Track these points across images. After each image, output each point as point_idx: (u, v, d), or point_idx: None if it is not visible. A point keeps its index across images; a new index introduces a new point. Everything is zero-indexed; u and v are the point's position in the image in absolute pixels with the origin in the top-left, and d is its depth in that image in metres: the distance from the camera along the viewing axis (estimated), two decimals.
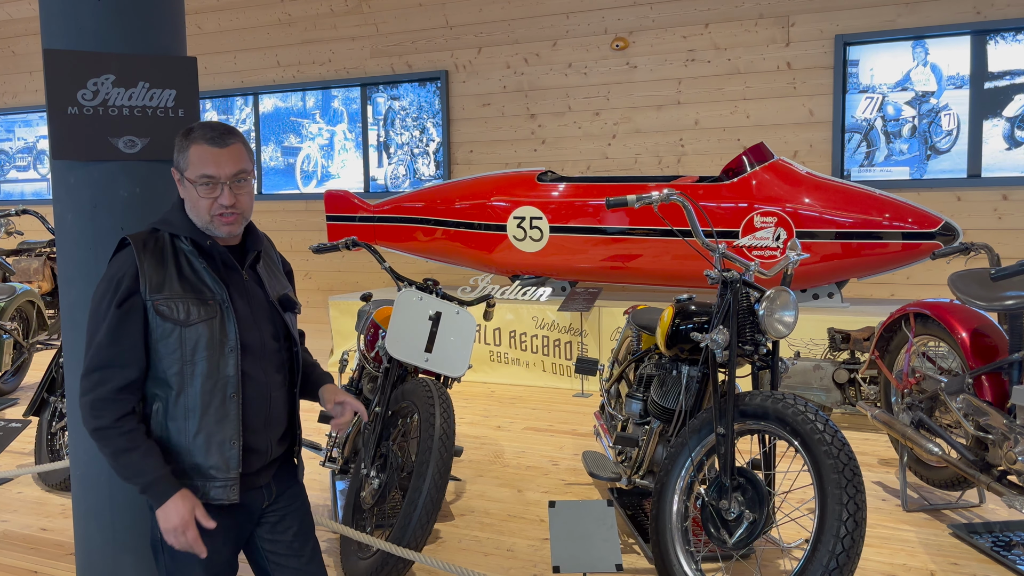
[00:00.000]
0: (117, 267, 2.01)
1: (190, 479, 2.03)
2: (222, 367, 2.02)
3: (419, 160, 9.47)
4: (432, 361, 3.55)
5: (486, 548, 3.70)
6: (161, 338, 1.99)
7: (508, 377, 6.96)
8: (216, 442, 2.03)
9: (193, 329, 2.00)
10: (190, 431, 2.01)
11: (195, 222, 2.07)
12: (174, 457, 2.02)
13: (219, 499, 2.04)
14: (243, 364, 2.06)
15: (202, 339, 2.01)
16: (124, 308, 1.97)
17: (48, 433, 4.57)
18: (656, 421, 3.58)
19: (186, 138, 2.04)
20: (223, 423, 2.03)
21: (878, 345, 4.46)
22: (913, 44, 7.34)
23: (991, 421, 3.41)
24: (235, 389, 2.04)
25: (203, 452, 2.02)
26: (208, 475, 2.03)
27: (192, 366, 2.00)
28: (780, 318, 3.08)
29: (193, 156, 2.02)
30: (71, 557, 3.66)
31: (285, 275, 2.32)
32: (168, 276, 2.01)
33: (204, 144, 2.02)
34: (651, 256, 6.69)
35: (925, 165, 7.38)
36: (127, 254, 2.02)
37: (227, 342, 2.03)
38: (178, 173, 2.07)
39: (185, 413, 2.01)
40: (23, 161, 11.86)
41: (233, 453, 2.04)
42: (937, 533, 3.78)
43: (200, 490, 2.03)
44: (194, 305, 2.01)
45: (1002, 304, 3.50)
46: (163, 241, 2.05)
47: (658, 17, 8.17)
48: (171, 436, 2.02)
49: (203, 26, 10.30)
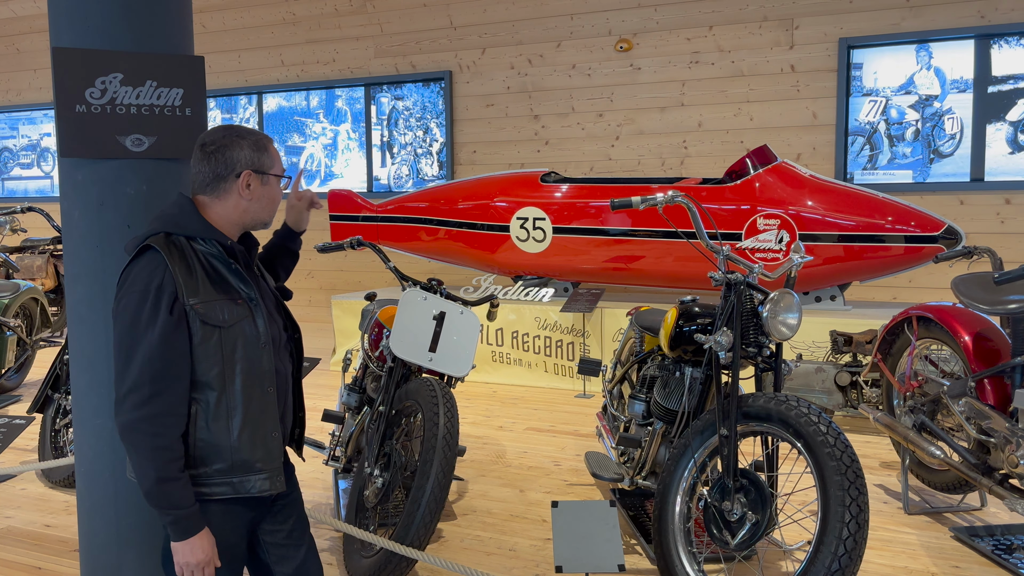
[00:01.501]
0: (148, 275, 1.97)
1: (232, 477, 2.04)
2: (258, 363, 2.06)
3: (422, 160, 9.48)
4: (436, 361, 3.55)
5: (489, 548, 3.71)
6: (202, 342, 1.99)
7: (510, 377, 6.97)
8: (260, 436, 2.06)
9: (232, 330, 2.02)
10: (234, 429, 2.03)
11: (253, 221, 2.13)
12: (216, 458, 2.02)
13: (266, 490, 2.08)
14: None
15: (240, 339, 2.03)
16: (175, 315, 1.95)
17: (52, 430, 4.59)
18: (659, 422, 3.59)
19: (254, 136, 2.10)
20: (264, 416, 2.07)
21: (880, 348, 4.46)
22: (917, 48, 7.34)
23: (993, 424, 3.41)
24: (271, 383, 2.09)
25: (249, 447, 2.05)
26: (254, 468, 2.06)
27: (232, 365, 2.02)
28: (784, 320, 3.08)
29: (275, 154, 2.13)
30: (75, 554, 3.67)
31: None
32: (199, 280, 2.01)
33: (273, 144, 2.14)
34: (654, 258, 6.69)
35: (928, 169, 7.39)
36: (155, 261, 1.98)
37: (260, 338, 2.07)
38: (256, 174, 2.09)
39: (228, 412, 2.03)
40: (27, 159, 11.88)
41: (275, 443, 2.10)
42: (939, 536, 3.79)
43: (244, 485, 2.05)
44: (228, 306, 2.03)
45: (1005, 308, 3.50)
46: (182, 245, 2.03)
47: (662, 19, 8.18)
48: (213, 437, 2.02)
49: (207, 25, 10.31)
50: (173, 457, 1.94)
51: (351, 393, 4.10)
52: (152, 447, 1.92)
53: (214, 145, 2.07)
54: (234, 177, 2.07)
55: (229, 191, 2.08)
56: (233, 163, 2.07)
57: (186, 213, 2.07)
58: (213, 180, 2.07)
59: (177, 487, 1.94)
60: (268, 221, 2.15)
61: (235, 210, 2.10)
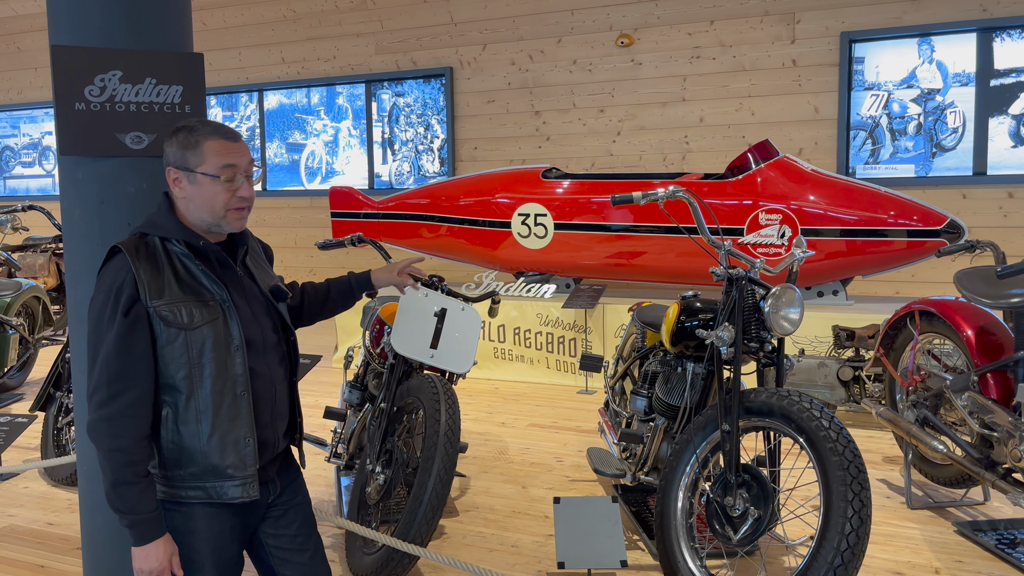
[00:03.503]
0: (112, 277, 1.96)
1: (205, 482, 2.01)
2: (230, 366, 2.01)
3: (424, 157, 9.47)
4: (437, 357, 3.55)
5: (491, 544, 3.71)
6: (166, 344, 1.96)
7: (512, 374, 6.97)
8: (231, 441, 2.01)
9: (198, 332, 1.98)
10: (204, 433, 1.99)
11: (199, 221, 2.04)
12: (188, 461, 2.00)
13: (238, 497, 2.03)
14: (249, 361, 2.05)
15: (208, 341, 1.99)
16: (130, 317, 1.93)
17: (54, 428, 4.59)
18: (661, 418, 3.59)
19: (191, 134, 2.01)
20: (236, 421, 2.02)
21: (883, 343, 4.45)
22: (919, 41, 7.32)
23: (996, 419, 3.41)
24: (244, 387, 2.03)
25: (219, 452, 2.00)
26: (226, 475, 2.01)
27: (200, 368, 1.98)
28: (785, 315, 3.08)
29: (208, 150, 2.00)
30: (78, 552, 3.67)
31: (268, 260, 2.33)
32: (166, 281, 1.97)
33: (218, 138, 2.01)
34: (656, 253, 6.68)
35: (930, 163, 7.37)
36: (120, 262, 1.97)
37: (232, 341, 2.02)
38: (181, 171, 2.01)
39: (197, 416, 1.99)
40: (28, 157, 11.89)
41: (249, 450, 2.04)
42: (942, 531, 3.78)
43: (217, 491, 2.02)
44: (196, 308, 1.99)
45: (1008, 302, 3.49)
46: (154, 246, 2.00)
47: (663, 14, 8.16)
48: (184, 441, 2.00)
49: (208, 22, 10.30)
50: (130, 460, 1.90)
51: (353, 390, 4.10)
52: (110, 448, 1.90)
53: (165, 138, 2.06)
54: (168, 173, 2.04)
55: (171, 188, 2.05)
56: (165, 159, 2.04)
57: (162, 213, 2.05)
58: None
59: (133, 491, 1.91)
60: (213, 223, 2.04)
61: (183, 209, 2.05)
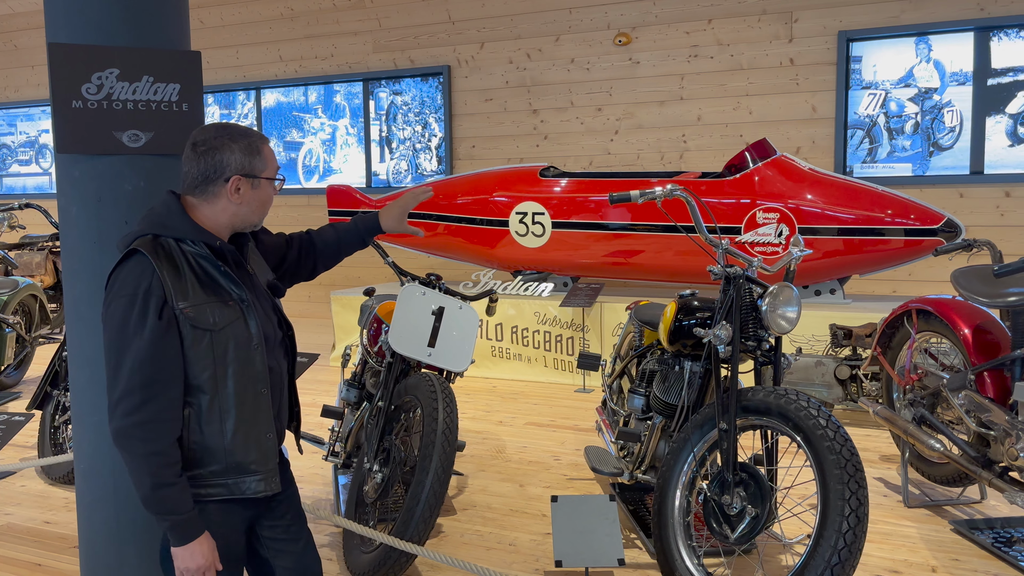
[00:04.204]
0: (136, 279, 1.92)
1: (227, 479, 2.02)
2: (251, 365, 2.03)
3: (421, 155, 9.47)
4: (435, 356, 3.55)
5: (488, 542, 3.71)
6: (192, 345, 1.96)
7: (510, 372, 6.97)
8: (254, 437, 2.04)
9: (223, 332, 1.99)
10: (228, 432, 2.01)
11: (241, 223, 2.07)
12: (211, 460, 2.01)
13: (261, 491, 2.06)
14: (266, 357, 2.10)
15: (231, 341, 2.00)
16: (164, 320, 1.91)
17: (51, 427, 4.59)
18: (658, 416, 3.59)
19: (250, 140, 2.03)
20: (258, 417, 2.05)
21: (880, 341, 4.46)
22: (916, 40, 7.33)
23: (993, 417, 3.41)
24: (264, 384, 2.06)
25: (243, 449, 2.02)
26: (249, 470, 2.04)
27: (224, 368, 1.99)
28: (783, 314, 3.08)
29: (267, 155, 2.06)
30: (75, 550, 3.67)
31: (263, 245, 2.34)
32: (188, 283, 1.96)
33: (267, 143, 2.08)
34: (653, 252, 6.69)
35: (928, 162, 7.38)
36: (142, 265, 1.93)
37: (252, 340, 2.03)
38: (246, 178, 2.02)
39: (221, 415, 2.00)
40: (25, 155, 11.86)
41: (271, 445, 2.08)
42: (938, 529, 3.79)
43: (239, 487, 2.03)
44: (219, 309, 1.99)
45: (1005, 300, 3.50)
46: (170, 247, 1.99)
47: (661, 13, 8.16)
48: (207, 440, 2.00)
49: (205, 20, 10.29)
50: (168, 462, 1.91)
51: (350, 389, 4.10)
52: (146, 453, 1.89)
53: (205, 146, 2.01)
54: (223, 181, 2.01)
55: (218, 194, 2.02)
56: (223, 167, 2.01)
57: (173, 214, 2.02)
58: (202, 182, 2.01)
59: (174, 492, 1.91)
60: (258, 223, 2.12)
61: (223, 213, 2.04)
